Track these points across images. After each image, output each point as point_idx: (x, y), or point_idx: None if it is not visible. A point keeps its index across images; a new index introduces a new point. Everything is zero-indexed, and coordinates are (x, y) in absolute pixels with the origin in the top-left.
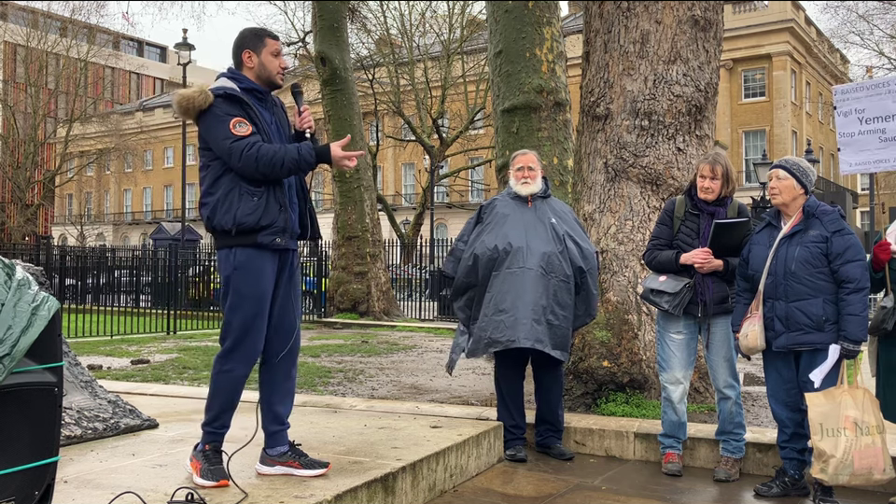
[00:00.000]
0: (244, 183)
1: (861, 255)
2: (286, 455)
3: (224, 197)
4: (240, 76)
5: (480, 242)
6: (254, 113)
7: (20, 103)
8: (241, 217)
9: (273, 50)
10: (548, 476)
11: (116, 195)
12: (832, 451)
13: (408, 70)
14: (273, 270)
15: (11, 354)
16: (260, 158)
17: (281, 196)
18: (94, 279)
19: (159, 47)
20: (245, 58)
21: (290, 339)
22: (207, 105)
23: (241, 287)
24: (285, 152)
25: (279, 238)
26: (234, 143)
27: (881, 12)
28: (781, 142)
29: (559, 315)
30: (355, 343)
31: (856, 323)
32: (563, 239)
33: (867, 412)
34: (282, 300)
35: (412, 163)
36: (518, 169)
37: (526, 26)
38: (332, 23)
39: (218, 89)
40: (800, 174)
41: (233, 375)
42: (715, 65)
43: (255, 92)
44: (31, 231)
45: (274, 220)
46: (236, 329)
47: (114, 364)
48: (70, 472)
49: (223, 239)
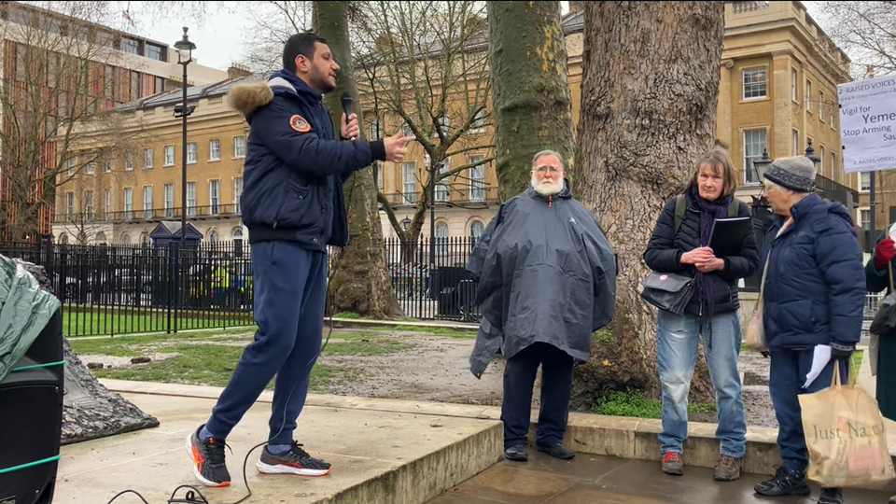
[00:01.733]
0: (291, 180)
1: (848, 254)
2: (287, 455)
3: (270, 191)
4: (295, 78)
5: (502, 241)
6: (308, 114)
7: (20, 101)
8: (284, 212)
9: (323, 53)
10: (548, 475)
11: (116, 194)
12: (825, 453)
13: (408, 69)
14: (307, 268)
15: (12, 352)
16: (320, 151)
17: (325, 198)
18: (95, 278)
19: (159, 45)
20: (299, 62)
21: (312, 342)
22: (267, 102)
23: (278, 281)
24: (342, 146)
25: (316, 238)
26: (294, 137)
27: (882, 11)
28: (782, 141)
29: (577, 313)
30: (355, 341)
31: (844, 324)
32: (582, 239)
33: (862, 412)
34: (310, 300)
35: (412, 162)
36: (541, 168)
37: (527, 25)
38: (333, 22)
39: (279, 87)
40: (782, 177)
41: (264, 368)
42: (716, 64)
43: (308, 96)
44: (31, 229)
45: (315, 220)
46: (273, 323)
47: (114, 363)
48: (71, 471)
49: (262, 232)
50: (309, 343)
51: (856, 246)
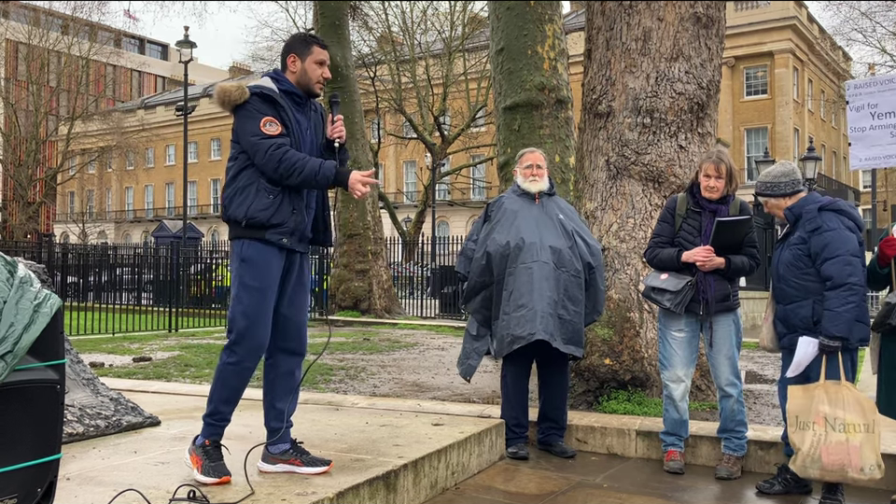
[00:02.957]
0: (263, 180)
1: (840, 251)
2: (287, 453)
3: (243, 189)
4: (282, 77)
5: (491, 240)
6: (287, 115)
7: (21, 100)
8: (253, 211)
9: (317, 59)
10: (550, 474)
11: (118, 193)
12: (799, 444)
13: (409, 68)
14: (279, 267)
15: (13, 351)
16: (283, 161)
17: (297, 199)
18: (96, 277)
19: (160, 44)
20: (290, 62)
21: (297, 338)
22: (242, 101)
23: (247, 278)
24: (306, 163)
25: (286, 239)
26: (261, 140)
27: (884, 9)
28: (783, 140)
29: (570, 309)
30: (356, 340)
31: (830, 318)
32: (572, 235)
33: (848, 409)
34: (290, 299)
35: (413, 161)
36: (527, 167)
37: (528, 23)
38: (334, 21)
39: (256, 87)
40: (772, 189)
41: (237, 368)
42: (717, 63)
43: (293, 96)
44: (33, 228)
45: (285, 221)
46: (240, 320)
47: (116, 362)
48: (72, 470)
49: (234, 229)
50: (292, 342)
51: (849, 242)
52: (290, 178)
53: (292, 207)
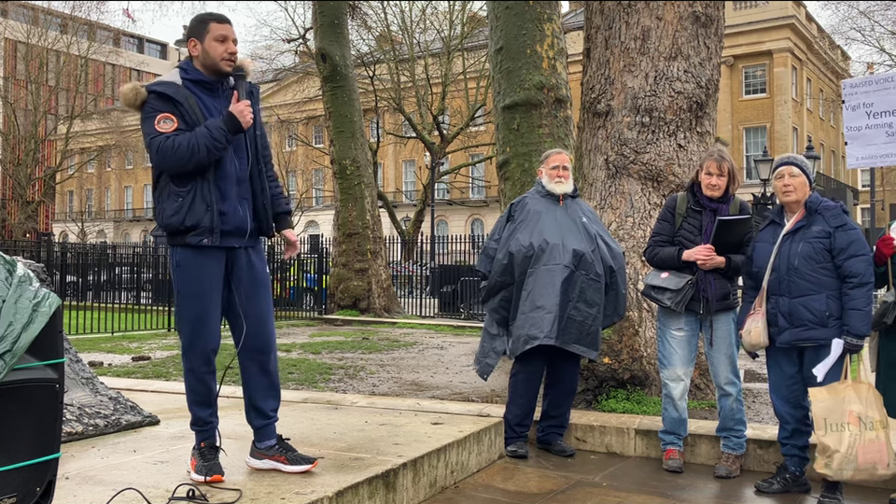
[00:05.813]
0: (171, 184)
1: (864, 249)
2: (273, 450)
3: (158, 197)
4: (189, 66)
5: (514, 240)
6: (187, 108)
7: (20, 100)
8: (166, 218)
9: (217, 35)
10: (549, 472)
11: (117, 192)
12: (836, 446)
13: (408, 67)
14: (217, 268)
15: (12, 350)
16: (177, 147)
17: (208, 195)
18: (95, 276)
19: (159, 43)
20: (191, 46)
21: (260, 335)
22: (140, 102)
23: (181, 285)
24: (196, 134)
25: (206, 239)
26: (153, 139)
27: (882, 8)
28: (782, 138)
29: (583, 311)
30: (355, 339)
31: (859, 317)
32: (594, 238)
33: (871, 406)
34: (244, 297)
35: (412, 160)
36: (553, 167)
37: (527, 23)
38: (333, 20)
39: (152, 85)
40: (809, 171)
41: (193, 374)
42: (716, 62)
43: (202, 84)
44: (32, 227)
45: (199, 221)
46: (184, 328)
47: (115, 361)
48: (71, 469)
49: (167, 237)
50: (254, 339)
51: (866, 243)
52: (195, 159)
53: (205, 205)
